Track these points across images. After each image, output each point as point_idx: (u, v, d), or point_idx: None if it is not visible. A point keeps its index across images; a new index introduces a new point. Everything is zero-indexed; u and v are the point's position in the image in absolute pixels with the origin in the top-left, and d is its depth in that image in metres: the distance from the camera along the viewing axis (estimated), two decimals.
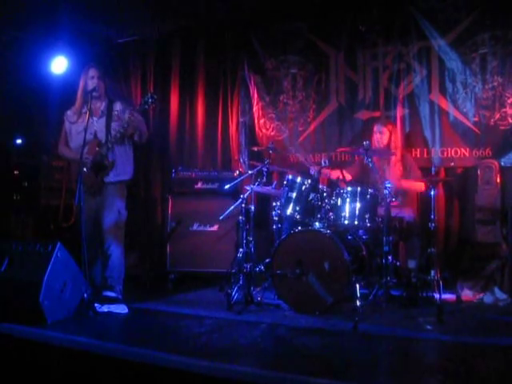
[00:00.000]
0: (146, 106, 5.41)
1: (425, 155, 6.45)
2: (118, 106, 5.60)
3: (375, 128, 6.06)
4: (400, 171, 5.90)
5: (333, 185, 5.91)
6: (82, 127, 5.34)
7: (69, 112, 5.67)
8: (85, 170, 5.28)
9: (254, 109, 7.44)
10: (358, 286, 4.81)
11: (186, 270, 6.58)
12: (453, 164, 6.28)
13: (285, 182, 5.47)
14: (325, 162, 5.63)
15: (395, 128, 6.17)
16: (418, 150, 6.49)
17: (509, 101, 6.07)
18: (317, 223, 5.27)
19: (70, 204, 7.03)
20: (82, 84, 5.56)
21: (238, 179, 6.12)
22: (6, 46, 7.23)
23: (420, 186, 5.79)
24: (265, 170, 5.76)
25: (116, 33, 7.81)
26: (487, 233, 5.92)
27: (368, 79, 6.80)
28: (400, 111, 6.59)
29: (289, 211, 5.34)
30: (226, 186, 6.01)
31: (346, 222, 5.18)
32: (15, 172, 7.32)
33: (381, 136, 5.95)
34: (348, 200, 5.19)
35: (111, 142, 5.39)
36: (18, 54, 7.29)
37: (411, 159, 6.10)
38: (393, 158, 5.92)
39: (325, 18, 7.00)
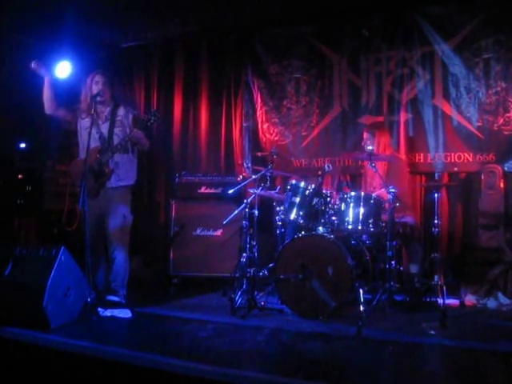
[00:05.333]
0: (149, 124, 5.44)
1: (428, 160, 6.46)
2: (121, 111, 5.61)
3: (364, 135, 6.03)
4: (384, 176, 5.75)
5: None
6: (89, 124, 5.37)
7: (80, 106, 5.68)
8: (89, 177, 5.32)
9: (258, 113, 7.45)
10: (361, 290, 4.81)
11: (189, 274, 6.57)
12: (456, 169, 6.30)
13: (288, 187, 5.47)
14: (328, 167, 5.63)
15: (384, 133, 6.08)
16: (422, 155, 6.50)
17: None
18: (320, 228, 5.27)
19: (73, 208, 7.04)
20: (87, 89, 5.59)
21: (242, 184, 6.12)
22: (10, 50, 7.24)
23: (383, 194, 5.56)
24: (268, 174, 5.77)
25: (120, 38, 7.83)
26: (491, 238, 5.91)
27: (371, 84, 6.81)
28: (403, 116, 6.60)
29: (292, 216, 5.33)
30: (230, 191, 5.99)
31: (350, 226, 5.18)
32: (19, 176, 7.33)
33: (369, 143, 5.85)
34: (352, 205, 5.19)
35: (113, 149, 5.41)
36: (22, 58, 7.28)
37: (399, 166, 5.96)
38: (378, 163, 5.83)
39: (328, 23, 7.01)
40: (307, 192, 5.34)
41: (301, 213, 5.32)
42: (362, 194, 5.26)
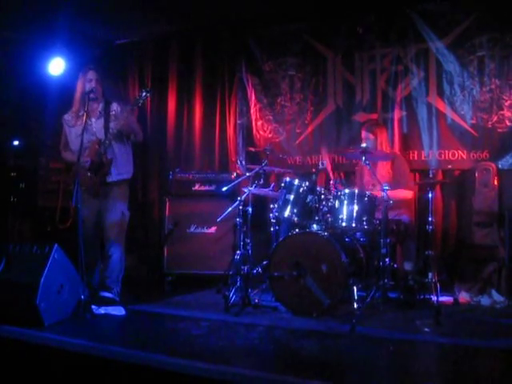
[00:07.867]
0: (141, 101, 5.42)
1: (422, 157, 6.45)
2: (115, 107, 5.60)
3: (362, 134, 6.00)
4: (389, 174, 5.84)
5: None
6: (81, 130, 5.37)
7: (66, 116, 5.67)
8: (89, 174, 5.32)
9: (252, 111, 7.43)
10: (355, 288, 4.82)
11: (183, 271, 6.56)
12: (450, 166, 6.30)
13: (282, 184, 5.47)
14: (322, 164, 5.63)
15: (383, 131, 6.07)
16: (416, 153, 6.49)
17: (506, 103, 6.07)
18: (314, 225, 5.27)
19: (67, 206, 7.02)
20: (80, 86, 5.56)
21: (236, 181, 6.11)
22: (3, 46, 7.21)
23: (407, 194, 5.79)
24: (262, 171, 5.77)
25: (114, 34, 7.81)
26: (484, 235, 5.92)
27: (365, 81, 6.79)
28: (397, 113, 6.59)
29: (286, 213, 5.33)
30: (224, 188, 5.99)
31: (344, 224, 5.17)
32: (12, 174, 7.30)
33: (368, 142, 5.84)
34: (346, 202, 5.18)
35: (109, 140, 5.40)
36: (15, 55, 7.27)
37: (404, 164, 5.99)
38: (379, 162, 5.88)
39: (323, 20, 6.99)
40: (301, 189, 5.34)
41: (295, 210, 5.31)
42: (356, 191, 5.25)
